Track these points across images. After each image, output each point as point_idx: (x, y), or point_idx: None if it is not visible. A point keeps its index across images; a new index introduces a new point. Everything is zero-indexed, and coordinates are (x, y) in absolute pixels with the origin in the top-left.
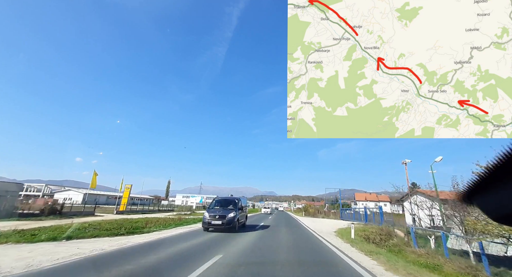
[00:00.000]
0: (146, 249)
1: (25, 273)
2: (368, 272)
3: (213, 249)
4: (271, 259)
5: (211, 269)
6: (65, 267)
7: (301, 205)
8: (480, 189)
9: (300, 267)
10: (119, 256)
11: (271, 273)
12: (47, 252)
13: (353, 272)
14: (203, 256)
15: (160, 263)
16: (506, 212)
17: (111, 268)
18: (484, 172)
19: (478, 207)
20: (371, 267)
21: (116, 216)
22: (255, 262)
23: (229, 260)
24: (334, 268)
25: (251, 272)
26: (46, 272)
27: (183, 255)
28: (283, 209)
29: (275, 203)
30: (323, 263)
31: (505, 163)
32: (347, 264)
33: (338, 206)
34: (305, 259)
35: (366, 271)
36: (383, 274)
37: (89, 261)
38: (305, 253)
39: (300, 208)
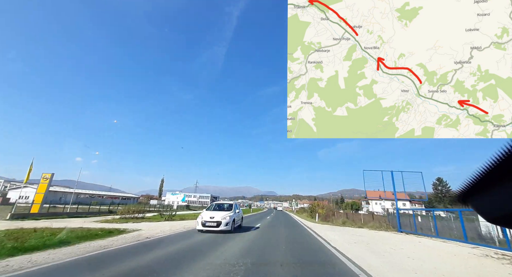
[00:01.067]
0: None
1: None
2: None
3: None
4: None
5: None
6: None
7: (304, 205)
8: (475, 190)
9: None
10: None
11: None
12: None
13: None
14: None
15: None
16: (501, 213)
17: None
18: (480, 173)
19: (473, 208)
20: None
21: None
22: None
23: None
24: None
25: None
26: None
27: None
28: (282, 208)
29: (275, 202)
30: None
31: (502, 164)
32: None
33: (345, 205)
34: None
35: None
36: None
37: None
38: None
39: (304, 208)
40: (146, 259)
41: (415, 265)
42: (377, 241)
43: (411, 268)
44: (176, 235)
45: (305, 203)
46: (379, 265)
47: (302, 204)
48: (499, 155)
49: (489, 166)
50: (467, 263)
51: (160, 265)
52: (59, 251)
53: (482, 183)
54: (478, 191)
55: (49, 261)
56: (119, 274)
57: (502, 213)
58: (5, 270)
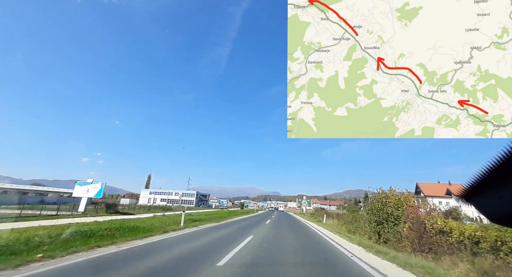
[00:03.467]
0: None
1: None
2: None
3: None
4: None
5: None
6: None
7: (317, 205)
8: (479, 189)
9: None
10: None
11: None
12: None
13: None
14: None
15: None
16: (504, 213)
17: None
18: (483, 172)
19: (476, 207)
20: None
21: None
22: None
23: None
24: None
25: None
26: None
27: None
28: (283, 209)
29: (278, 202)
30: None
31: (504, 164)
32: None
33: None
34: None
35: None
36: None
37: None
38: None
39: (322, 210)
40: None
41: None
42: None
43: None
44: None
45: (314, 202)
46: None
47: (317, 204)
48: (501, 155)
49: (491, 166)
50: None
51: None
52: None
53: (484, 182)
54: (481, 191)
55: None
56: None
57: (504, 213)
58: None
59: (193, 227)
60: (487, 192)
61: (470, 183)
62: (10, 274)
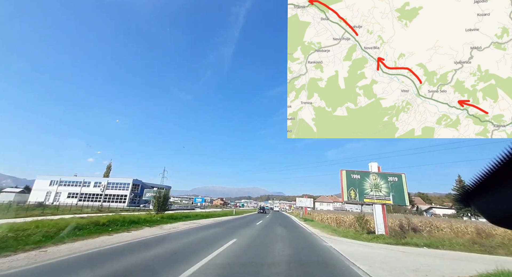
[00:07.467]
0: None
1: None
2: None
3: None
4: None
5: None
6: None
7: (332, 202)
8: (479, 191)
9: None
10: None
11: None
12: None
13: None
14: None
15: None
16: (505, 214)
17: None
18: (483, 174)
19: (477, 209)
20: None
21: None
22: None
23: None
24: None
25: None
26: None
27: None
28: (279, 209)
29: (282, 202)
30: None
31: (504, 166)
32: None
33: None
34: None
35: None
36: None
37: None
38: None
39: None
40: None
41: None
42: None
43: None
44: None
45: (326, 200)
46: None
47: (331, 202)
48: (501, 157)
49: (491, 168)
50: None
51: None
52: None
53: (485, 184)
54: (481, 193)
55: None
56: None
57: (505, 215)
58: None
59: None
60: (487, 194)
61: (470, 185)
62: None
